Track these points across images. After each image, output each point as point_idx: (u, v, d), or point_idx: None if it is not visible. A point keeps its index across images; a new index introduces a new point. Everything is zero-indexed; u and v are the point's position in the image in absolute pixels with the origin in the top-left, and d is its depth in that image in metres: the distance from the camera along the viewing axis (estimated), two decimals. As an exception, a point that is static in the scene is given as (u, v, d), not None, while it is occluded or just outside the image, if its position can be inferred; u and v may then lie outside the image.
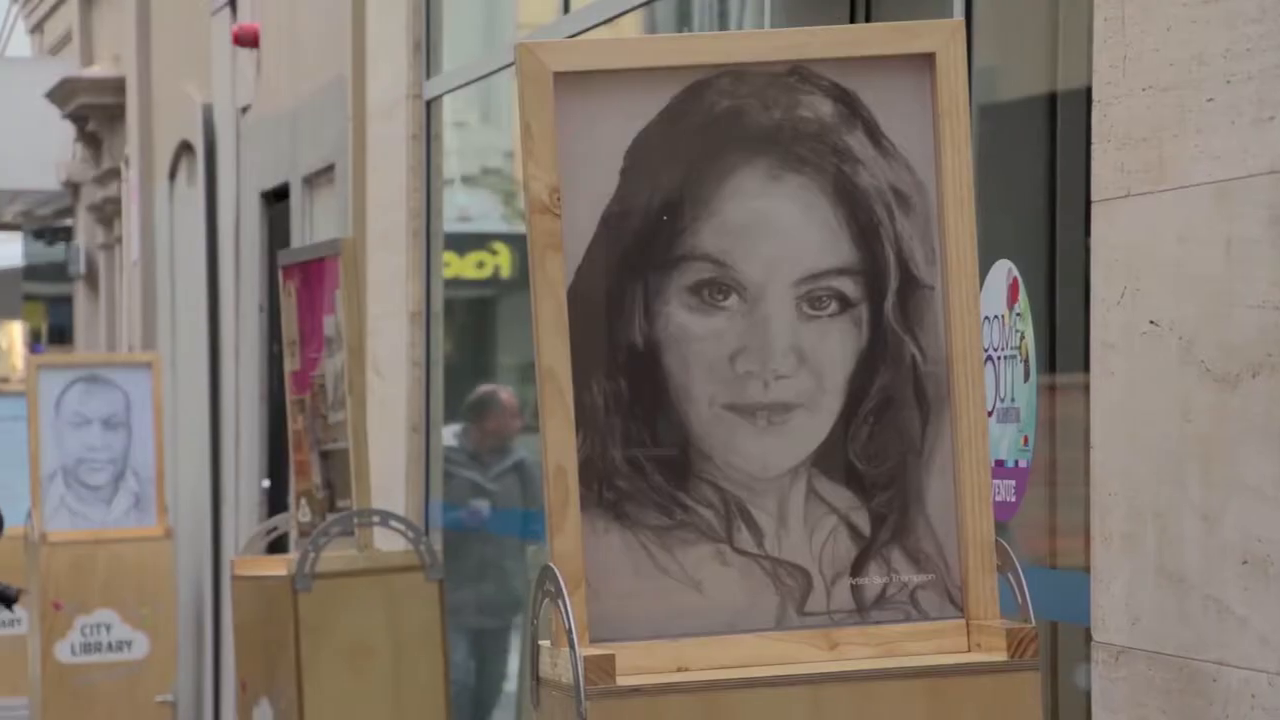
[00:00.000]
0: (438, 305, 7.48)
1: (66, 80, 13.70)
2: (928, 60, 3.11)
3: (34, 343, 19.72)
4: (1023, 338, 4.01)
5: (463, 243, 7.88)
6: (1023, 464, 4.01)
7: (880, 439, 3.10)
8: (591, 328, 3.04)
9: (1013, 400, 4.03)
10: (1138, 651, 3.41)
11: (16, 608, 12.69)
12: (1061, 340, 4.02)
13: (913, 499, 3.10)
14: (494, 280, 7.98)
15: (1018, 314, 4.02)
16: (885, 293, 3.10)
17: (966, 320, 3.10)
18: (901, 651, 3.05)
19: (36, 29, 17.03)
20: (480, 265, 8.02)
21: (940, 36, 3.12)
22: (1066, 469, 3.99)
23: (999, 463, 4.03)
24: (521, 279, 7.48)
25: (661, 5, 6.11)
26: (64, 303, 16.59)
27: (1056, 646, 4.02)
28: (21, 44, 17.97)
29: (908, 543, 3.10)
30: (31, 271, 19.30)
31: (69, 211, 15.94)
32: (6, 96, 15.24)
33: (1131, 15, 3.44)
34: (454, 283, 7.73)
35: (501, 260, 8.02)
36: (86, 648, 10.27)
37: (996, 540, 3.10)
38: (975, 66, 4.15)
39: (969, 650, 3.07)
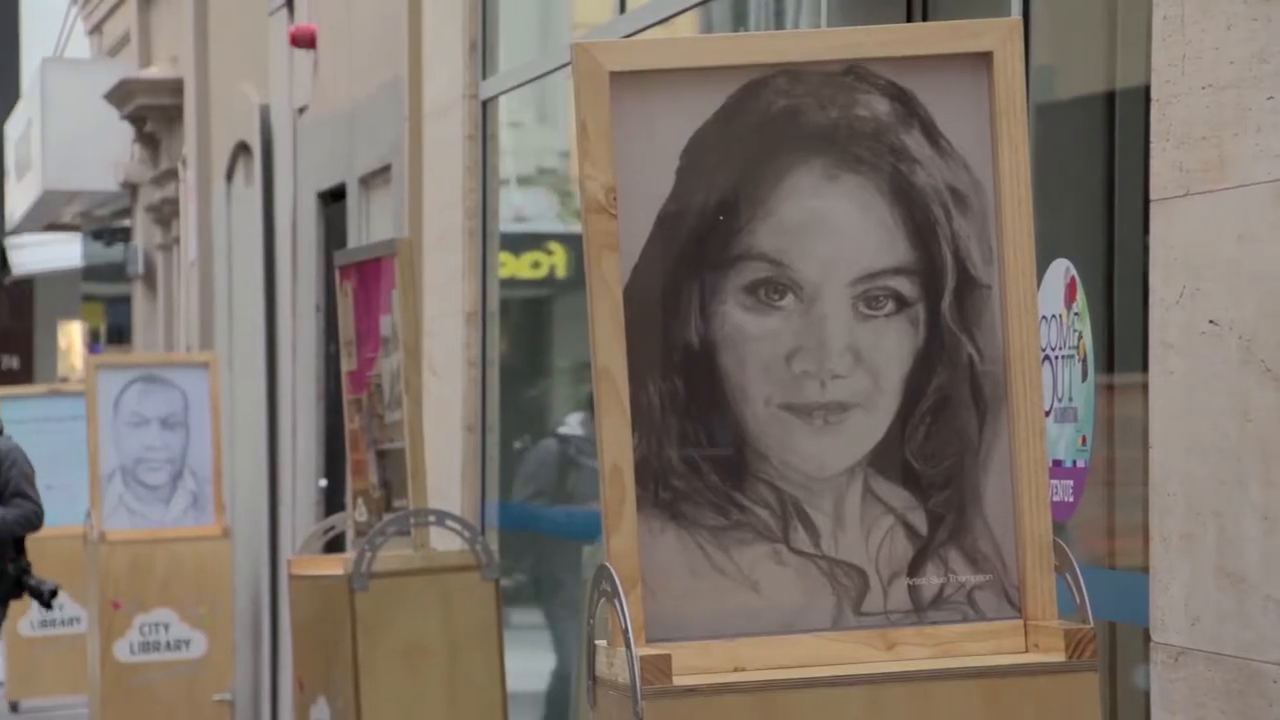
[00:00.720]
0: (493, 305, 7.49)
1: (125, 81, 13.77)
2: (985, 59, 3.10)
3: (92, 343, 19.83)
4: (1080, 337, 3.99)
5: (518, 243, 7.89)
6: (1081, 464, 3.99)
7: (937, 439, 3.09)
8: (647, 327, 3.04)
9: (1070, 400, 4.01)
10: (1197, 652, 3.39)
11: (72, 605, 12.80)
12: (1120, 340, 4.00)
13: (970, 499, 3.09)
14: (549, 280, 7.99)
15: (1075, 313, 4.00)
16: (942, 292, 3.09)
17: (1024, 320, 3.09)
18: (959, 652, 3.04)
19: (95, 30, 17.12)
20: (536, 265, 8.03)
21: (998, 35, 3.11)
22: (1125, 469, 3.97)
23: (1057, 463, 4.01)
24: (577, 279, 7.48)
25: (717, 5, 6.11)
26: (122, 303, 16.68)
27: (1115, 647, 4.00)
28: (80, 45, 18.07)
29: (965, 543, 3.09)
30: (90, 272, 19.41)
31: (127, 212, 16.02)
32: (66, 98, 15.33)
33: (1191, 13, 3.42)
34: (509, 282, 7.74)
35: (557, 260, 8.02)
36: (145, 647, 10.32)
37: (1054, 540, 3.09)
38: (1033, 65, 4.13)
39: (1026, 651, 3.06)
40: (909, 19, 4.67)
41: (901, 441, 3.08)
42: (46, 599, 9.10)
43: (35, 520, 9.10)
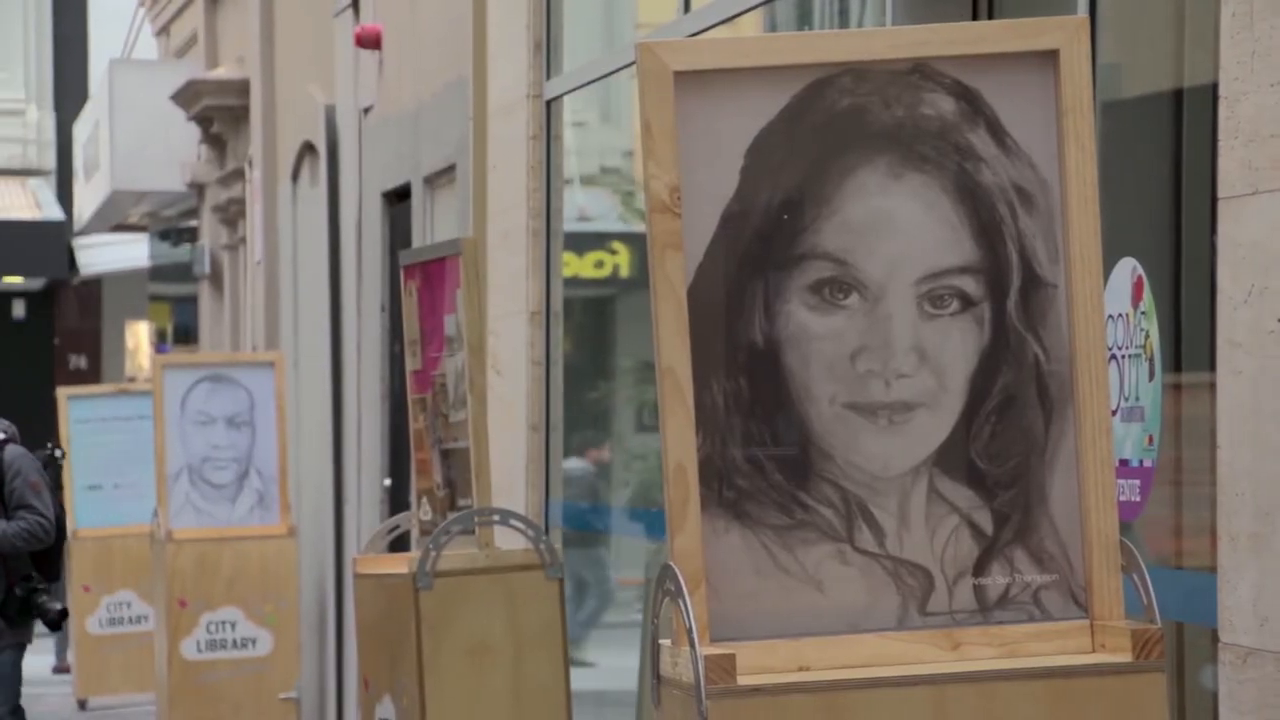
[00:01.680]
0: (557, 305, 7.50)
1: (191, 82, 13.85)
2: (1051, 57, 3.09)
3: (159, 343, 19.95)
4: (1147, 336, 3.97)
5: (582, 242, 7.90)
6: (1148, 463, 3.97)
7: (1003, 438, 3.08)
8: (711, 327, 3.04)
9: (1137, 399, 3.99)
10: (1266, 653, 3.36)
11: (139, 603, 12.87)
12: (1187, 339, 3.98)
13: (1036, 499, 3.08)
14: (613, 279, 7.99)
15: (1142, 312, 3.98)
16: (1008, 291, 3.08)
17: (1090, 319, 3.08)
18: (1025, 652, 3.03)
19: (162, 32, 17.22)
20: (599, 265, 8.03)
21: (1064, 33, 3.09)
22: (1192, 468, 3.94)
23: (1123, 462, 3.99)
24: (640, 278, 7.49)
25: (782, 4, 6.10)
26: (189, 303, 16.77)
27: (1182, 648, 3.98)
28: (148, 47, 18.18)
29: (1031, 542, 3.08)
30: (157, 272, 19.52)
31: (194, 212, 16.10)
32: (133, 99, 15.42)
33: (1260, 10, 3.39)
34: (573, 282, 7.75)
35: (620, 260, 8.02)
36: (212, 645, 10.37)
37: (1121, 540, 3.08)
38: (1099, 63, 4.11)
39: (1093, 651, 3.04)
40: (975, 17, 4.65)
41: (967, 441, 3.07)
42: (54, 621, 8.26)
43: (41, 534, 8.14)
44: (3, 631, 8.10)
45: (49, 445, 9.22)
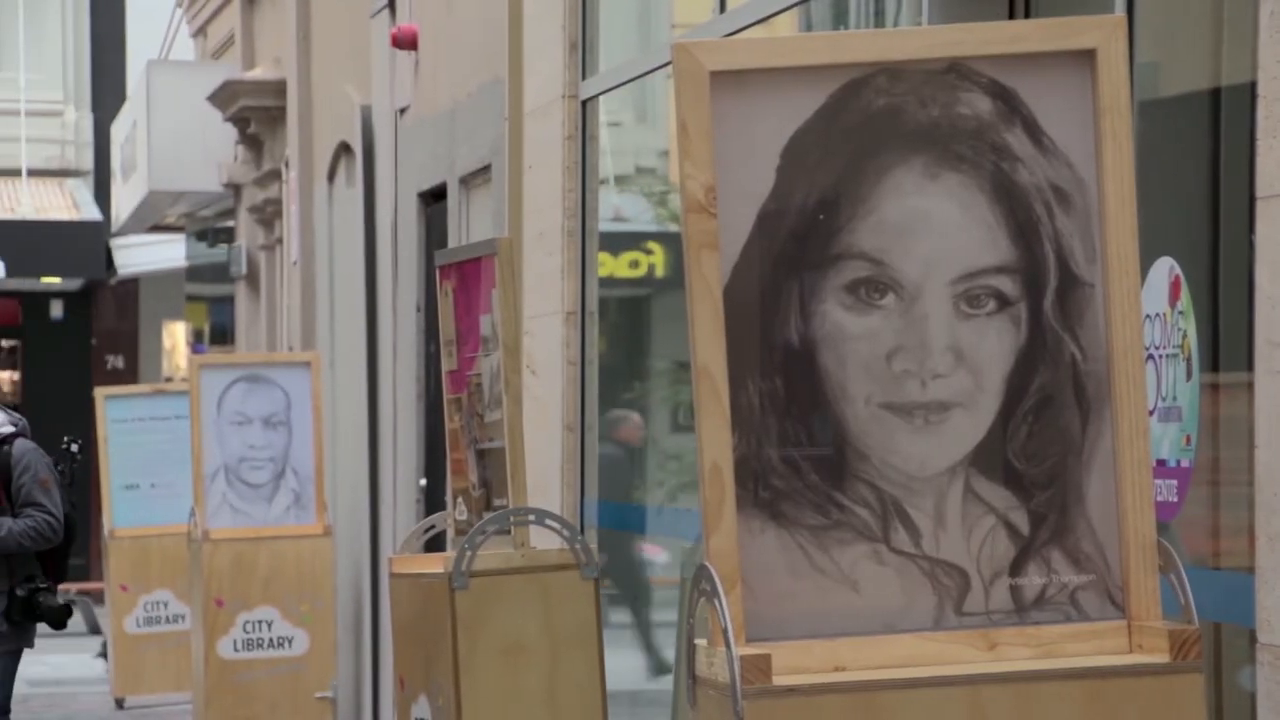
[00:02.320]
0: (593, 305, 7.50)
1: (228, 83, 13.88)
2: (1089, 56, 3.08)
3: (196, 343, 20.00)
4: (1185, 336, 3.95)
5: (617, 242, 7.90)
6: (1185, 464, 3.96)
7: (1040, 438, 3.07)
8: (747, 327, 3.04)
9: (1175, 399, 3.98)
10: (1304, 655, 3.35)
11: (176, 602, 12.91)
12: (1225, 338, 3.96)
13: (1073, 499, 3.07)
14: (648, 279, 7.99)
15: (1180, 312, 3.97)
16: (1044, 291, 3.08)
17: (1128, 318, 3.07)
18: (1061, 652, 3.02)
19: (199, 33, 17.28)
20: (634, 265, 8.03)
21: (1101, 32, 3.08)
22: (1230, 469, 3.93)
23: (1161, 462, 3.98)
24: (676, 278, 7.48)
25: (817, 4, 6.09)
26: (225, 303, 16.82)
27: (1220, 648, 3.97)
28: (185, 48, 18.23)
29: (1068, 543, 3.07)
30: (194, 273, 19.58)
31: (230, 213, 16.15)
32: (170, 100, 15.47)
33: (1297, 8, 3.38)
34: (608, 282, 7.75)
35: (656, 260, 8.02)
36: (248, 644, 10.40)
37: (1158, 540, 3.07)
38: (1136, 62, 4.10)
39: (1130, 652, 3.03)
40: (1011, 16, 4.64)
41: (1003, 441, 3.06)
42: (57, 620, 7.92)
43: (49, 533, 7.84)
44: (3, 635, 7.82)
45: (66, 440, 8.91)
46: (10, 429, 7.95)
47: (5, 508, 7.83)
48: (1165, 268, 4.01)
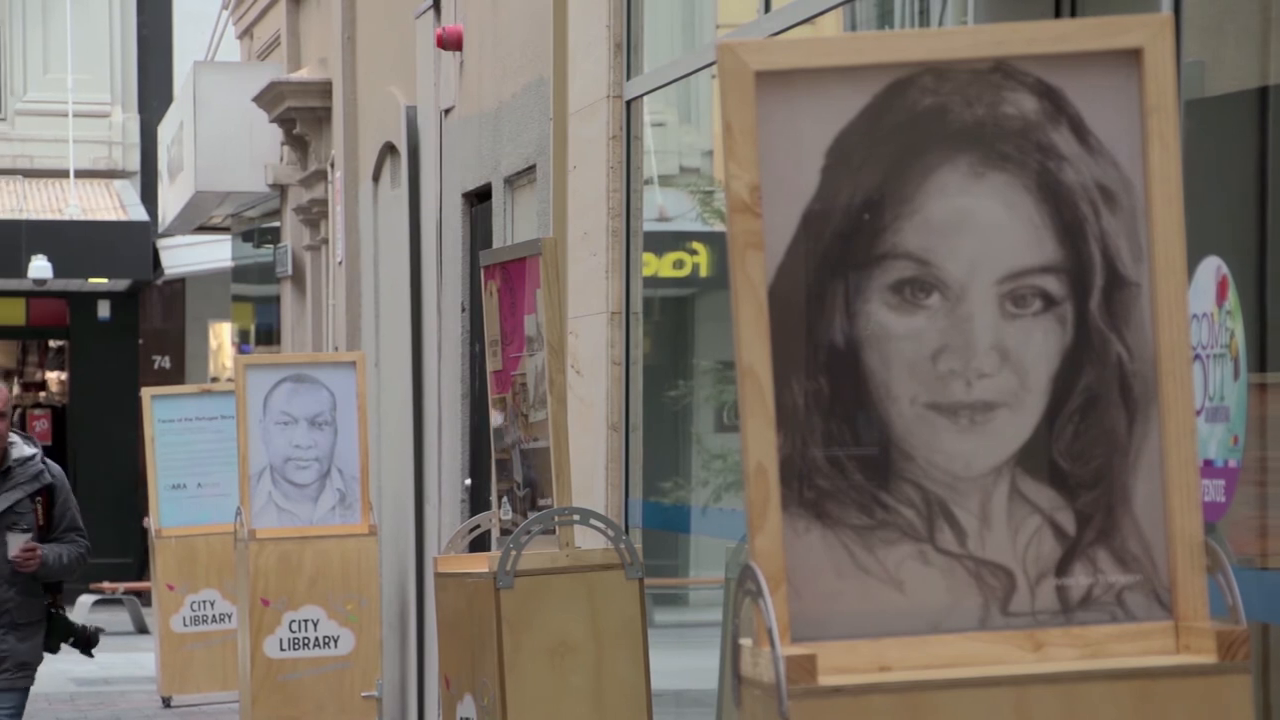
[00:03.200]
0: (637, 304, 7.50)
1: (274, 84, 13.93)
2: (1135, 55, 3.07)
3: (242, 343, 20.07)
4: (1232, 336, 3.94)
5: (661, 242, 7.90)
6: (1232, 464, 3.94)
7: (1085, 438, 3.06)
8: (792, 326, 3.03)
9: (1222, 399, 3.96)
10: (1352, 656, 3.33)
11: (222, 601, 12.96)
12: (1272, 338, 3.95)
13: (1119, 499, 3.06)
14: (692, 279, 7.99)
15: (1227, 311, 3.95)
16: (1090, 290, 3.07)
17: (1174, 318, 3.06)
18: (1108, 653, 3.01)
19: (245, 34, 17.34)
20: (679, 265, 8.03)
21: (1148, 31, 3.07)
22: (1277, 468, 3.91)
23: (1207, 462, 3.96)
24: (719, 278, 7.48)
25: (862, 3, 6.08)
26: (271, 303, 16.87)
27: (1268, 649, 3.95)
28: (231, 49, 18.30)
29: (1114, 543, 3.06)
30: (240, 273, 19.64)
31: (276, 213, 16.20)
32: (217, 101, 15.53)
33: (1345, 6, 3.36)
34: (652, 282, 7.75)
35: (700, 259, 8.02)
36: (294, 643, 10.43)
37: (1206, 540, 3.05)
38: (1183, 60, 4.08)
39: (1177, 652, 3.02)
40: (1057, 15, 4.63)
41: (1049, 441, 3.06)
42: (88, 642, 7.87)
43: (85, 561, 7.88)
44: (30, 662, 7.72)
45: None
46: (39, 449, 7.88)
47: (39, 531, 7.70)
48: (1212, 267, 3.99)
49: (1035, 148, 3.07)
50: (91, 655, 8.07)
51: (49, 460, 7.88)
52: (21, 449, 7.74)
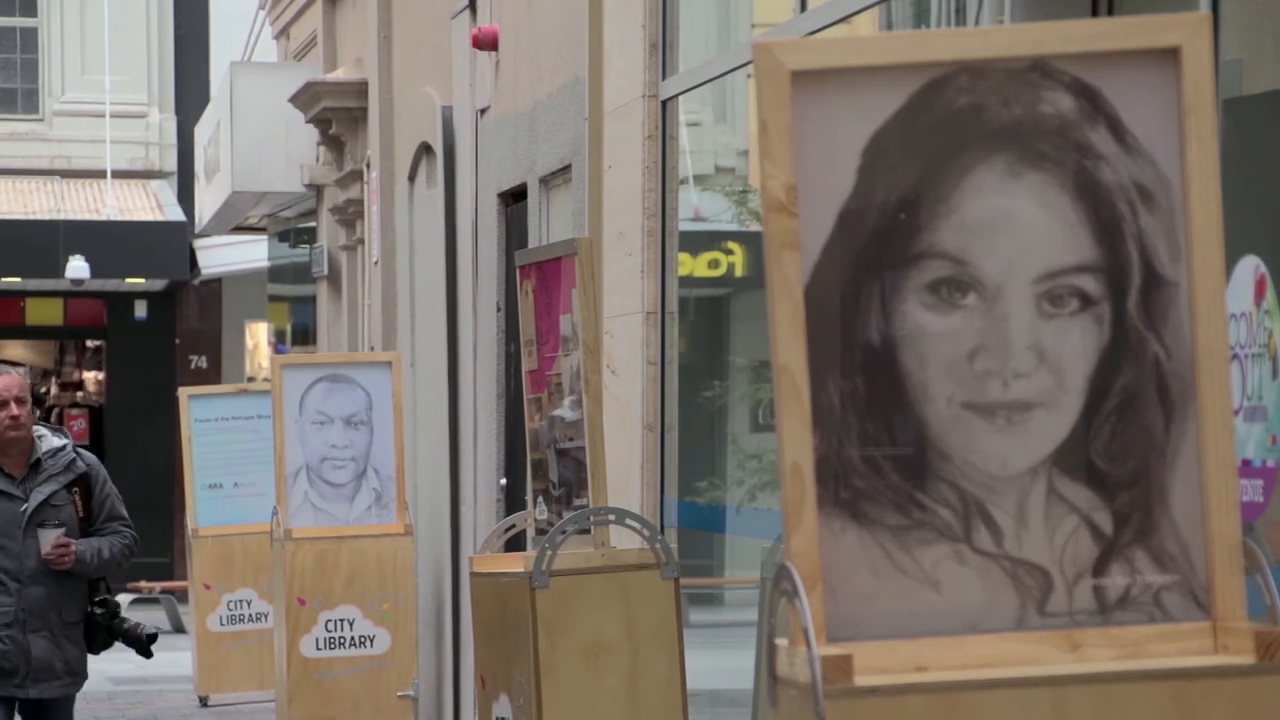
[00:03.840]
0: (672, 304, 7.50)
1: (310, 84, 13.96)
2: (1173, 55, 3.06)
3: (278, 343, 20.12)
4: (1270, 335, 3.92)
5: (696, 242, 7.90)
6: (1270, 463, 3.93)
7: (1123, 438, 3.05)
8: (828, 326, 3.03)
9: (1260, 399, 3.94)
10: (1391, 657, 3.31)
11: (259, 601, 12.99)
12: (1310, 338, 3.93)
13: (1156, 499, 3.05)
14: (728, 279, 7.99)
15: (1265, 311, 3.94)
16: (1128, 290, 3.06)
17: (1212, 317, 3.05)
18: (1145, 653, 3.01)
19: (282, 34, 17.38)
20: (714, 264, 8.03)
21: (1186, 30, 3.06)
22: (1316, 470, 3.89)
23: (1245, 462, 3.95)
24: (755, 277, 7.48)
25: (898, 2, 6.08)
26: (307, 303, 16.91)
27: (1305, 651, 3.93)
28: (268, 49, 18.35)
29: (1151, 543, 3.05)
30: (276, 273, 19.69)
31: (312, 213, 16.24)
32: (253, 101, 15.57)
33: (1384, 4, 3.35)
34: (687, 281, 7.75)
35: (735, 259, 8.02)
36: (330, 643, 10.45)
37: (1244, 540, 3.04)
38: (1220, 59, 4.07)
39: (1215, 653, 3.01)
40: (1094, 14, 4.61)
41: (1086, 441, 3.05)
42: (146, 645, 7.44)
43: (132, 552, 7.42)
44: (75, 669, 7.25)
45: None
46: (68, 440, 7.52)
47: (82, 523, 7.31)
48: (1250, 266, 3.98)
49: (1072, 147, 3.06)
50: (149, 655, 7.61)
51: (82, 450, 7.50)
52: (50, 440, 7.39)
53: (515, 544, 7.30)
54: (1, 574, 7.24)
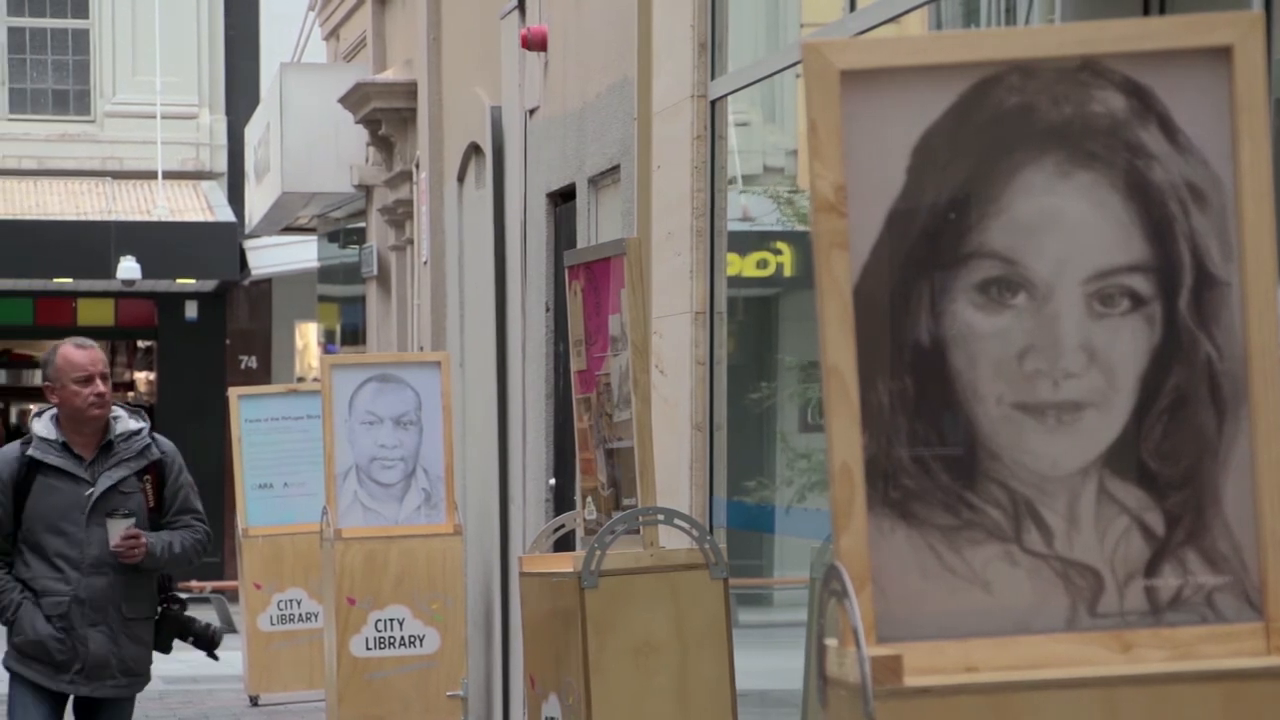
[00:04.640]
0: (721, 304, 7.50)
1: (360, 85, 14.00)
2: (1224, 54, 3.05)
3: (328, 343, 20.19)
4: (1323, 335, 3.90)
5: (745, 242, 7.90)
6: (1323, 465, 3.90)
7: (1174, 438, 3.04)
8: (877, 326, 3.03)
9: (1312, 399, 3.92)
10: None
11: (309, 601, 13.03)
12: (1363, 338, 3.90)
13: (1208, 499, 3.04)
14: (776, 279, 7.98)
15: (1317, 311, 3.91)
16: (1179, 290, 3.05)
17: (1264, 317, 3.03)
18: (1197, 654, 2.99)
19: (331, 35, 17.43)
20: (763, 264, 8.03)
21: (1238, 29, 3.05)
22: (1369, 470, 3.87)
23: (1298, 463, 3.92)
24: (804, 278, 7.47)
25: (948, 2, 6.06)
26: (356, 303, 16.96)
27: (1359, 653, 3.91)
28: (318, 50, 18.41)
29: (1204, 544, 3.04)
30: (326, 273, 19.76)
31: (362, 214, 16.29)
32: (303, 102, 15.62)
33: None
34: (736, 281, 7.75)
35: (784, 259, 8.01)
36: (380, 642, 10.48)
37: (1296, 542, 3.03)
38: (1273, 58, 4.05)
39: (1268, 654, 3.00)
40: (1146, 13, 4.60)
41: (1137, 441, 3.04)
42: (211, 646, 7.06)
43: (204, 548, 6.94)
44: (137, 669, 6.81)
45: None
46: (145, 423, 6.99)
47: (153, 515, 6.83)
48: (1302, 266, 3.95)
49: (1123, 146, 3.05)
50: (216, 658, 7.22)
51: (158, 435, 6.97)
52: (127, 423, 6.86)
53: (564, 544, 7.31)
54: (60, 560, 6.77)
